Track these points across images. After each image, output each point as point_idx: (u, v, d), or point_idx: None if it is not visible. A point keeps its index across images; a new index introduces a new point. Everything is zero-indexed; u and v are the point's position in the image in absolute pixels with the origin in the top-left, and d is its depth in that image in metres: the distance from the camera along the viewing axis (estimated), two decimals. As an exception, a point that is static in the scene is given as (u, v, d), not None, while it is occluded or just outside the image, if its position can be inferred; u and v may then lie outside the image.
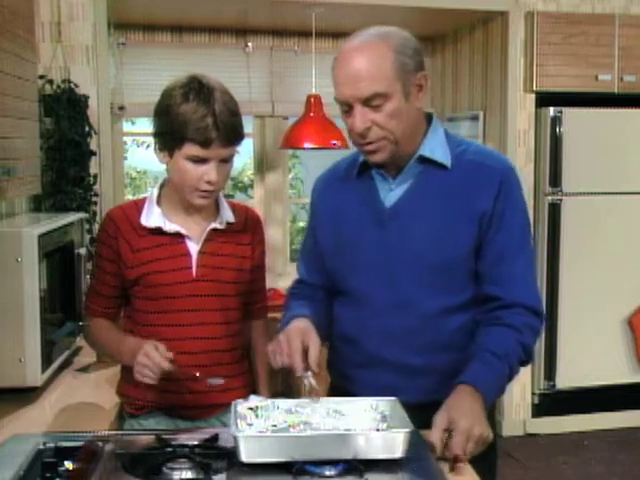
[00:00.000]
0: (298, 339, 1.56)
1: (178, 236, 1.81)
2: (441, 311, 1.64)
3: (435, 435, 1.43)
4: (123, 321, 1.93)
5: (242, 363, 1.93)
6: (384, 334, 1.66)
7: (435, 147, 1.66)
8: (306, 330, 1.59)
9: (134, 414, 1.87)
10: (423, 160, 1.66)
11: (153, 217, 1.80)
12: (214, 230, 1.84)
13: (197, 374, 1.72)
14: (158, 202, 1.83)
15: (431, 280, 1.63)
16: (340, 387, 1.75)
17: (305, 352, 1.55)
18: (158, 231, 1.80)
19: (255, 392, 1.86)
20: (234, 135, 1.72)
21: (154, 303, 1.80)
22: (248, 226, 1.92)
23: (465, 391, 1.49)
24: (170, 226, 1.80)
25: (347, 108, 1.59)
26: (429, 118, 1.71)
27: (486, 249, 1.64)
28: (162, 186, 1.86)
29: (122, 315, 1.95)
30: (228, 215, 1.86)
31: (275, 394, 1.84)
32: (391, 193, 1.68)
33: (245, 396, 1.58)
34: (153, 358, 1.62)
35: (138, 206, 1.84)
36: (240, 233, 1.89)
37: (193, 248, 1.81)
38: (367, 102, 1.55)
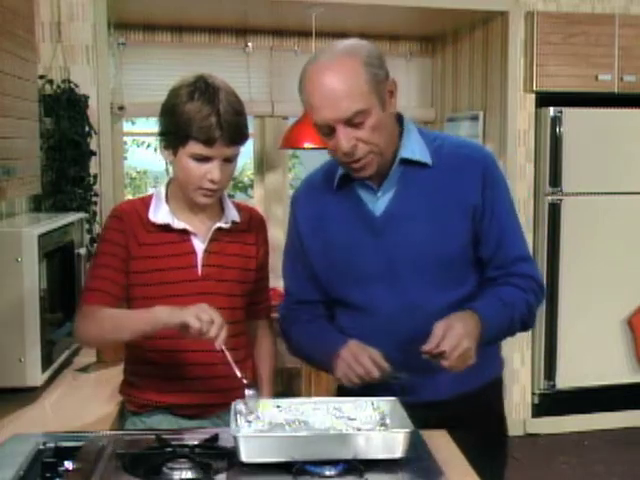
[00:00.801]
0: (364, 351, 1.58)
1: (184, 234, 1.81)
2: (450, 305, 1.63)
3: (433, 337, 1.49)
4: None
5: (245, 362, 1.92)
6: (394, 339, 1.65)
7: (414, 147, 1.67)
8: (363, 345, 1.60)
9: (137, 412, 1.87)
10: (403, 161, 1.66)
11: (161, 213, 1.81)
12: (219, 229, 1.84)
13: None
14: (165, 200, 1.83)
15: (435, 278, 1.65)
16: (351, 390, 1.70)
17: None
18: (165, 228, 1.80)
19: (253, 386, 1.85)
20: (238, 135, 1.72)
21: (157, 302, 1.78)
22: (252, 226, 1.93)
23: (468, 313, 1.57)
24: (178, 223, 1.80)
25: (328, 130, 1.58)
26: (399, 118, 1.71)
27: (485, 237, 1.68)
28: (168, 184, 1.87)
29: None
30: (233, 214, 1.87)
31: (277, 394, 1.83)
32: (378, 202, 1.68)
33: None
34: (218, 317, 1.59)
35: (144, 202, 1.84)
36: (245, 233, 1.89)
37: (199, 246, 1.82)
38: (349, 121, 1.55)
